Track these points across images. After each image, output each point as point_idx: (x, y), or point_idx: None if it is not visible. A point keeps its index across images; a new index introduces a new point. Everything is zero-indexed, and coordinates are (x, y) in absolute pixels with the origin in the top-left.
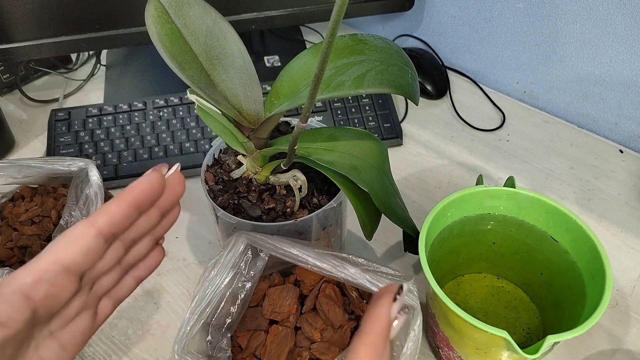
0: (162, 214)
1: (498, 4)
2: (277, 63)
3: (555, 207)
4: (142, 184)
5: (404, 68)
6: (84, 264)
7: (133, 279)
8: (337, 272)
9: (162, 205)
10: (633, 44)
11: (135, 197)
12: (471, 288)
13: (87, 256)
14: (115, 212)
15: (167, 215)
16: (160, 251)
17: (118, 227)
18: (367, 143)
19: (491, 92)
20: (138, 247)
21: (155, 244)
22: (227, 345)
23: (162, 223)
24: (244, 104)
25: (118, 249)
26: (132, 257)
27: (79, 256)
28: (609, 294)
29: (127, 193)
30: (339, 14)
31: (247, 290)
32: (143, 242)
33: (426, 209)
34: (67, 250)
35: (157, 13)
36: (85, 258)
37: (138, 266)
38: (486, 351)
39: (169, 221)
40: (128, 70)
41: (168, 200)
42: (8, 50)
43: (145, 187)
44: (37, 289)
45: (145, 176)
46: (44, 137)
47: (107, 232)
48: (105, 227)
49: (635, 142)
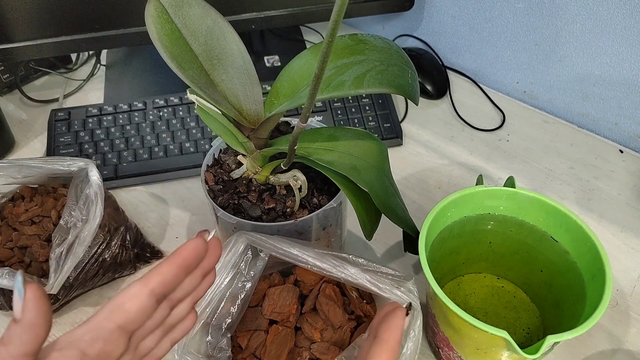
0: (203, 275)
1: (498, 4)
2: (277, 63)
3: (555, 207)
4: (190, 247)
5: (404, 68)
6: (137, 322)
7: (169, 340)
8: (337, 272)
9: (204, 267)
10: (633, 44)
11: (184, 259)
12: (471, 288)
13: (140, 315)
14: (167, 272)
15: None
16: (193, 314)
17: (168, 287)
18: (367, 143)
19: (491, 92)
20: (179, 308)
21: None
22: (227, 345)
23: (201, 286)
24: (244, 104)
25: (165, 309)
26: (173, 318)
27: (133, 315)
28: (609, 294)
29: (177, 255)
30: (339, 14)
31: (247, 290)
32: (183, 304)
33: (426, 209)
34: (123, 309)
35: (157, 13)
36: (138, 317)
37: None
38: (486, 351)
39: (207, 284)
40: (128, 70)
41: (209, 262)
42: (8, 50)
43: (193, 250)
44: (93, 346)
45: (192, 240)
46: (44, 137)
47: (158, 293)
48: (158, 287)
49: (635, 142)
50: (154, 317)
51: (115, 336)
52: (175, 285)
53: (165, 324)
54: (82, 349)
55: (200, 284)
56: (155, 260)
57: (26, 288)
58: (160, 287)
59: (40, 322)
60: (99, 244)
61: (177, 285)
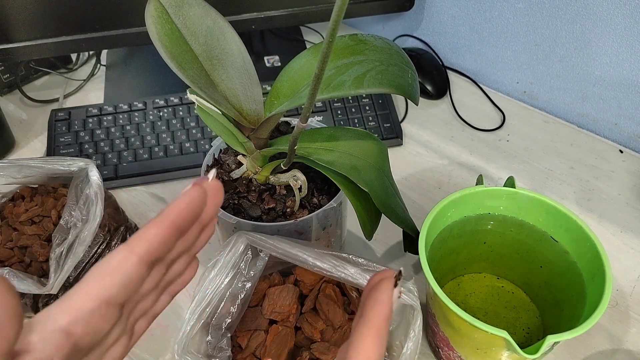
0: (202, 228)
1: (498, 4)
2: (277, 63)
3: (555, 207)
4: (181, 205)
5: (404, 68)
6: (125, 294)
7: (168, 294)
8: (337, 272)
9: (203, 220)
10: (633, 44)
11: (174, 220)
12: (471, 288)
13: (127, 287)
14: (155, 238)
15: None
16: (194, 263)
17: (159, 252)
18: (367, 143)
19: (491, 92)
20: (176, 265)
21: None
22: (227, 345)
23: (200, 239)
24: (244, 104)
25: (159, 272)
26: (170, 276)
27: (118, 288)
28: (609, 294)
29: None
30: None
31: (247, 290)
32: (181, 260)
33: (426, 209)
34: (105, 284)
35: (157, 13)
36: (126, 289)
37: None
38: (486, 351)
39: (206, 235)
40: (128, 70)
41: (209, 213)
42: (8, 50)
43: (186, 206)
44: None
45: (185, 194)
46: (44, 137)
47: (148, 260)
48: (146, 255)
49: (635, 142)
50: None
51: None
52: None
53: (162, 283)
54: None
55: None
56: None
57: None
58: (149, 254)
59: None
60: (99, 244)
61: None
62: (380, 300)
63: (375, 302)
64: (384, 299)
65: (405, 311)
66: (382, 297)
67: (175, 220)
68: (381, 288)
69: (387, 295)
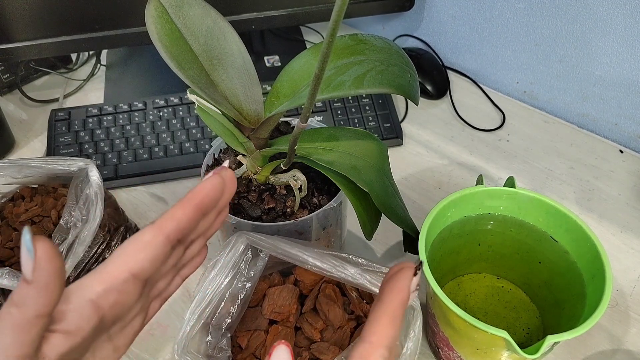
0: (219, 213)
1: (498, 4)
2: (277, 63)
3: (555, 207)
4: (206, 188)
5: (404, 68)
6: (151, 270)
7: (180, 277)
8: (337, 272)
9: (220, 205)
10: (633, 44)
11: (201, 201)
12: (471, 288)
13: (154, 263)
14: (182, 217)
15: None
16: (205, 249)
17: (184, 232)
18: (367, 143)
19: (491, 92)
20: (192, 248)
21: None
22: (227, 345)
23: (214, 224)
24: (244, 104)
25: (178, 252)
26: (185, 258)
27: (147, 263)
28: (609, 294)
29: (192, 197)
30: (339, 14)
31: (247, 290)
32: (196, 243)
33: (426, 209)
34: (137, 258)
35: (157, 13)
36: (153, 264)
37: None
38: (486, 351)
39: (220, 220)
40: (128, 70)
41: (224, 199)
42: (8, 50)
43: (210, 190)
44: (107, 298)
45: (208, 180)
46: (44, 137)
47: (173, 238)
48: (173, 233)
49: (635, 142)
50: (168, 262)
51: (129, 285)
52: (191, 230)
53: (179, 264)
54: (95, 301)
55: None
56: None
57: (36, 245)
58: (175, 233)
59: (54, 281)
60: (99, 244)
61: (193, 229)
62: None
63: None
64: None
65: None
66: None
67: (201, 202)
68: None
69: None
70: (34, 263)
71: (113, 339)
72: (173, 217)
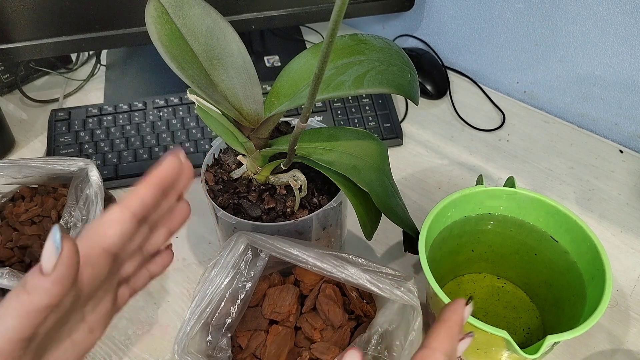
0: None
1: (498, 4)
2: (277, 63)
3: (555, 207)
4: (166, 168)
5: (404, 68)
6: (120, 245)
7: (147, 272)
8: (337, 272)
9: (178, 188)
10: (633, 44)
11: (162, 180)
12: (471, 288)
13: (123, 239)
14: (146, 194)
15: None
16: (170, 252)
17: (148, 208)
18: (367, 143)
19: (491, 92)
20: (156, 236)
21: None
22: (227, 345)
23: (176, 216)
24: (244, 104)
25: (144, 231)
26: (151, 245)
27: (117, 238)
28: (609, 294)
29: (153, 176)
30: (339, 14)
31: (247, 290)
32: (160, 232)
33: (426, 209)
34: (107, 233)
35: (157, 13)
36: (122, 240)
37: (152, 261)
38: (486, 351)
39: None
40: (128, 70)
41: (183, 183)
42: (8, 50)
43: (169, 170)
44: (85, 271)
45: (167, 161)
46: (44, 137)
47: (139, 215)
48: (138, 210)
49: (635, 142)
50: (134, 239)
51: (102, 259)
52: (154, 207)
53: (144, 250)
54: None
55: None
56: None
57: (63, 243)
58: (140, 209)
59: (69, 277)
60: None
61: (156, 207)
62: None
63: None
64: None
65: (405, 311)
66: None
67: (161, 180)
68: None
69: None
70: (57, 259)
71: (86, 318)
72: (137, 195)
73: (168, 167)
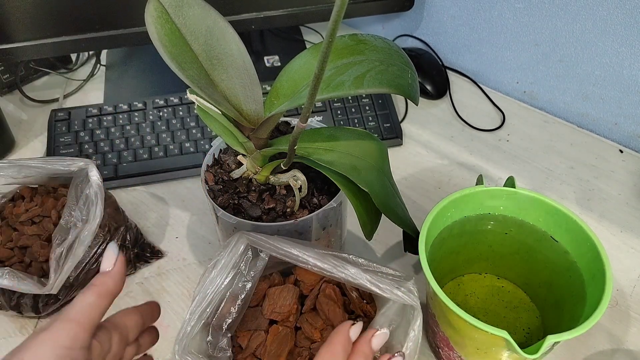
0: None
1: (498, 4)
2: (277, 63)
3: (555, 207)
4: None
5: (404, 68)
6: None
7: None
8: (337, 272)
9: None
10: (633, 44)
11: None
12: (471, 288)
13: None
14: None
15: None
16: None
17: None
18: (367, 143)
19: (491, 92)
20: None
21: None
22: (227, 345)
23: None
24: (244, 104)
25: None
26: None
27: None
28: (609, 294)
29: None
30: (339, 14)
31: (247, 291)
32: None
33: (426, 209)
34: None
35: (157, 13)
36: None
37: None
38: (486, 351)
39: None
40: (128, 70)
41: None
42: (8, 50)
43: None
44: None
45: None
46: (44, 137)
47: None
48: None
49: (635, 142)
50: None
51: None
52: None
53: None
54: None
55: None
56: (155, 259)
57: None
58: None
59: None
60: (99, 244)
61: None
62: (337, 330)
63: (334, 332)
64: (340, 329)
65: (405, 311)
66: (341, 327)
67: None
68: (343, 324)
69: (344, 327)
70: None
71: None
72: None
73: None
